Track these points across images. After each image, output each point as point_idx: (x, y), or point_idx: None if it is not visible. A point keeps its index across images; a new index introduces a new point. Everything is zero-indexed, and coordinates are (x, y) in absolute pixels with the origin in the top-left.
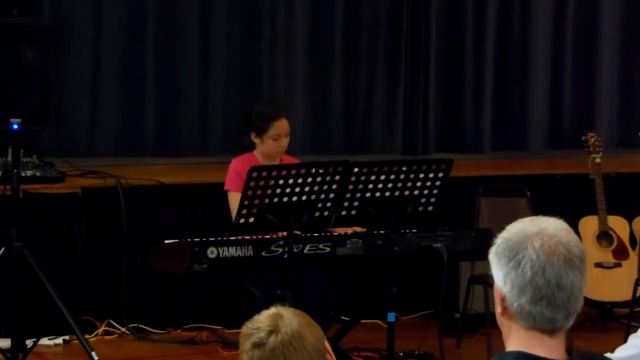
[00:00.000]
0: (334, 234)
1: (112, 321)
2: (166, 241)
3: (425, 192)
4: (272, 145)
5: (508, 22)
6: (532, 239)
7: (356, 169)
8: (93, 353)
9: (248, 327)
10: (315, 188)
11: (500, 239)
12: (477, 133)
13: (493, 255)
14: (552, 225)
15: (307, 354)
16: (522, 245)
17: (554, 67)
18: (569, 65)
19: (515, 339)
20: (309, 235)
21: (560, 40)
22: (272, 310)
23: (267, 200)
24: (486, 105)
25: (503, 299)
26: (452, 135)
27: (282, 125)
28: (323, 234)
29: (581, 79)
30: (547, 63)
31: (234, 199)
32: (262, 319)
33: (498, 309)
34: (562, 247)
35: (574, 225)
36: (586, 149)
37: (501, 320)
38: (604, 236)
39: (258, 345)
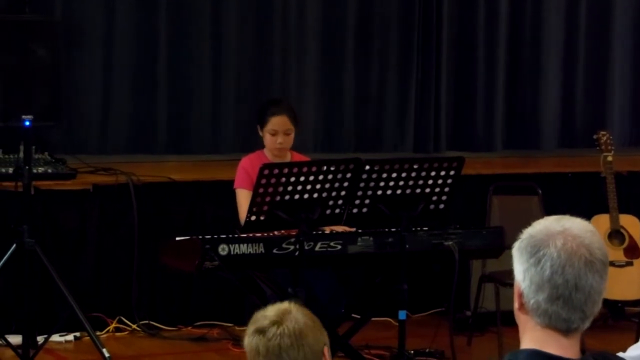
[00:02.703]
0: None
1: (123, 318)
2: (177, 238)
3: (437, 190)
4: (269, 140)
5: (520, 20)
6: (555, 238)
7: (367, 167)
8: (104, 350)
9: (258, 313)
10: (327, 186)
11: (525, 235)
12: (489, 131)
13: (516, 250)
14: (578, 226)
15: (302, 352)
16: (545, 243)
17: (566, 65)
18: (581, 63)
19: (531, 336)
20: (320, 232)
21: (573, 38)
22: (285, 305)
23: (278, 198)
24: (498, 104)
25: (521, 294)
26: (464, 134)
27: (280, 122)
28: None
29: (593, 76)
30: (559, 61)
31: (242, 197)
32: (272, 309)
33: (515, 304)
34: (585, 248)
35: None
36: (598, 147)
37: (518, 315)
38: (616, 235)
39: (259, 331)
